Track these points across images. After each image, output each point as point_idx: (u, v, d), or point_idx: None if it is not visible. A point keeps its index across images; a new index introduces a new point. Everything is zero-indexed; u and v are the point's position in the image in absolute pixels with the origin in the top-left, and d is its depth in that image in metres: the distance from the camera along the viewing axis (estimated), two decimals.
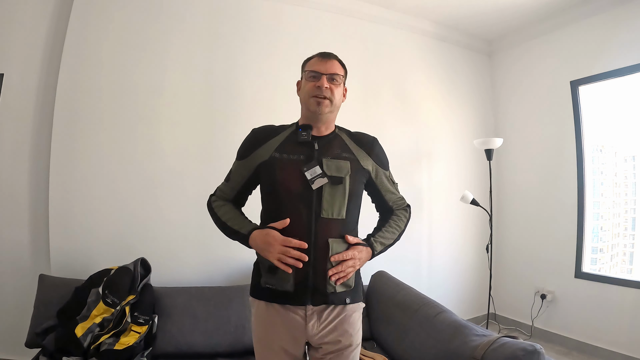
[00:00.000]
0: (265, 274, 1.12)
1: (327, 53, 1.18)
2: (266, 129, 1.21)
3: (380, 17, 2.93)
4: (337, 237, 1.11)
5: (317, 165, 1.10)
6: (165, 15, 2.26)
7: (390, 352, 1.92)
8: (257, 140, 1.18)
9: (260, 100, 2.48)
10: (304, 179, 1.09)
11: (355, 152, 1.19)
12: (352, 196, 1.13)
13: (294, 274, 1.06)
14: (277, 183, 1.10)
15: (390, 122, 2.92)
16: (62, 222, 2.00)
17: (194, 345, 1.85)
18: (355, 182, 1.15)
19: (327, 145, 1.16)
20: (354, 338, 1.14)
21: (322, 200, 1.09)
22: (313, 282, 1.08)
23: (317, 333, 1.10)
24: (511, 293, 3.27)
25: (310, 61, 1.19)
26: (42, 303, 1.77)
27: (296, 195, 1.09)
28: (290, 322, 1.10)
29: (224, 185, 1.25)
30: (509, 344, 1.34)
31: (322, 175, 1.09)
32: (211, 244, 2.25)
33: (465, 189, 3.09)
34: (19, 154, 2.01)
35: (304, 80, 1.17)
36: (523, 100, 3.26)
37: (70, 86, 2.03)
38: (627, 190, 2.84)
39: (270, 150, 1.14)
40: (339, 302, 1.11)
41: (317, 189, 1.09)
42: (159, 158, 2.21)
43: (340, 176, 1.11)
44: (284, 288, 1.08)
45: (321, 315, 1.11)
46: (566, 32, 2.92)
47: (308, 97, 1.14)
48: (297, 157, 1.12)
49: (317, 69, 1.14)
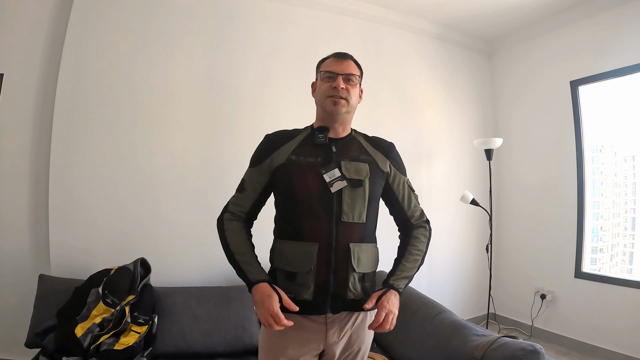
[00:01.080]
0: (282, 280, 1.07)
1: (342, 53, 1.15)
2: (280, 133, 1.17)
3: (380, 17, 2.93)
4: (358, 242, 1.08)
5: (336, 167, 1.07)
6: (165, 15, 2.26)
7: (390, 352, 1.92)
8: (273, 145, 1.14)
9: (261, 100, 2.47)
10: (323, 182, 1.05)
11: (373, 154, 1.16)
12: (372, 199, 1.11)
13: (314, 280, 1.03)
14: (295, 187, 1.06)
15: (390, 122, 2.92)
16: (62, 222, 2.00)
17: (194, 345, 1.85)
18: (374, 185, 1.12)
19: (345, 147, 1.13)
20: (365, 343, 1.14)
21: (343, 204, 1.06)
22: (333, 288, 1.05)
23: (336, 341, 1.08)
24: (511, 293, 3.27)
25: (325, 61, 1.16)
26: (42, 303, 1.77)
27: (315, 199, 1.05)
28: (308, 332, 1.06)
29: (238, 196, 1.16)
30: (509, 343, 1.34)
31: (342, 178, 1.06)
32: (211, 244, 2.22)
33: (465, 189, 3.09)
34: (19, 153, 2.00)
35: (320, 81, 1.14)
36: (523, 100, 3.26)
37: (70, 86, 2.03)
38: (627, 190, 2.84)
39: (286, 153, 1.11)
40: (358, 308, 1.08)
41: (337, 192, 1.06)
42: (159, 158, 2.21)
43: (360, 179, 1.08)
44: (302, 297, 1.04)
45: (341, 322, 1.08)
46: (566, 32, 2.92)
47: (324, 97, 1.11)
48: (315, 159, 1.09)
49: (333, 69, 1.11)
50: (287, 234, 1.10)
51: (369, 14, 2.87)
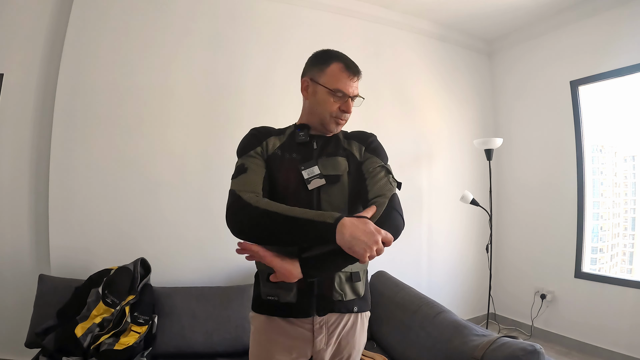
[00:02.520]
0: (264, 283, 1.03)
1: (355, 67, 1.07)
2: (265, 127, 1.14)
3: (380, 17, 2.93)
4: None
5: (316, 165, 1.05)
6: (165, 16, 2.26)
7: (390, 352, 1.92)
8: (260, 136, 1.10)
9: (261, 100, 2.48)
10: (302, 179, 1.03)
11: (349, 147, 1.12)
12: (353, 194, 1.06)
13: (297, 282, 0.95)
14: (276, 183, 1.03)
15: (390, 122, 2.92)
16: (62, 222, 2.00)
17: (194, 345, 1.85)
18: (354, 179, 1.07)
19: (325, 144, 1.11)
20: (357, 348, 1.10)
21: (321, 201, 1.03)
22: (318, 289, 1.01)
23: (325, 348, 1.04)
24: (511, 293, 3.27)
25: (334, 69, 1.04)
26: (42, 303, 1.77)
27: (294, 196, 1.01)
28: (294, 337, 1.03)
29: (242, 178, 0.99)
30: (509, 343, 1.34)
31: (320, 176, 1.03)
32: (211, 244, 2.25)
33: (465, 189, 3.09)
34: (19, 154, 2.01)
35: (326, 94, 1.05)
36: (523, 100, 3.26)
37: (70, 86, 2.03)
38: (627, 190, 2.84)
39: (272, 147, 1.08)
40: (346, 310, 1.05)
41: (316, 189, 1.03)
42: (159, 158, 2.21)
43: (337, 174, 1.05)
44: (285, 299, 1.00)
45: (330, 328, 1.04)
46: (566, 32, 2.92)
47: (327, 115, 1.06)
48: (296, 156, 1.07)
49: (345, 90, 1.04)
50: None
51: (369, 14, 2.87)
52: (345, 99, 1.05)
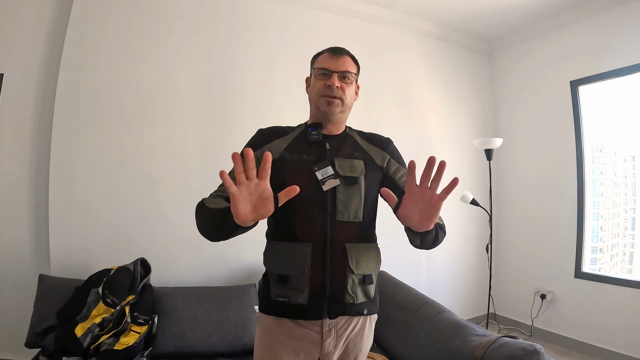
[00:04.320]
0: (274, 284, 1.01)
1: (338, 48, 1.09)
2: (273, 128, 1.11)
3: (380, 17, 2.93)
4: (355, 242, 1.02)
5: (329, 165, 1.02)
6: (165, 15, 2.26)
7: (390, 352, 1.92)
8: (266, 138, 1.07)
9: (262, 100, 2.48)
10: (316, 180, 1.00)
11: (368, 150, 1.10)
12: (368, 197, 1.05)
13: (308, 283, 0.97)
14: (287, 185, 0.95)
15: (390, 122, 2.92)
16: (62, 222, 2.00)
17: (194, 345, 1.85)
18: (371, 182, 1.06)
19: (339, 145, 1.08)
20: (363, 352, 1.09)
21: (337, 202, 1.01)
22: (330, 292, 0.99)
23: (333, 351, 1.03)
24: (511, 293, 3.27)
25: (320, 57, 1.09)
26: (42, 303, 1.77)
27: (309, 198, 0.99)
28: (302, 339, 1.01)
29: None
30: (509, 343, 1.34)
31: (335, 176, 1.01)
32: (211, 244, 2.23)
33: (465, 189, 3.09)
34: (19, 154, 2.00)
35: (314, 78, 1.08)
36: (523, 100, 3.26)
37: (70, 86, 2.03)
38: (627, 190, 2.84)
39: (279, 149, 1.05)
40: (356, 313, 1.03)
41: (331, 190, 1.01)
42: (158, 158, 2.21)
43: (355, 176, 1.04)
44: (297, 301, 0.98)
45: (339, 331, 1.03)
46: (566, 32, 2.92)
47: (318, 96, 1.05)
48: (308, 157, 1.04)
49: (327, 67, 1.05)
50: (280, 234, 1.04)
51: (369, 14, 2.87)
52: (329, 74, 1.05)
